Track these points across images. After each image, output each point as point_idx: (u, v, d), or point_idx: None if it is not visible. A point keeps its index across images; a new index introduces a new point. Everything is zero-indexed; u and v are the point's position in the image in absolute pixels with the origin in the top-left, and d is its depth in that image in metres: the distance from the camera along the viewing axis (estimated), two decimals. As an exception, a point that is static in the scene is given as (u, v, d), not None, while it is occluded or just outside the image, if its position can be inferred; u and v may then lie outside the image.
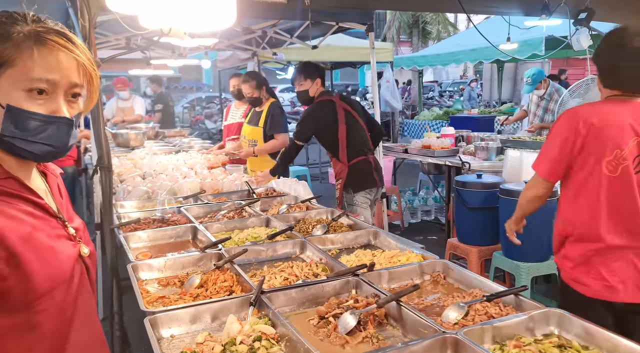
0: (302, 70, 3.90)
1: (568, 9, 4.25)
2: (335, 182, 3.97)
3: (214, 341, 1.53)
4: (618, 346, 1.43)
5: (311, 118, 3.92)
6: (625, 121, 1.97)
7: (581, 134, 1.99)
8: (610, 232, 2.01)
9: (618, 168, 1.98)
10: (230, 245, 2.46)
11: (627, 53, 2.00)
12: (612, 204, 1.99)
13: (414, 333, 1.60)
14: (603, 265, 2.03)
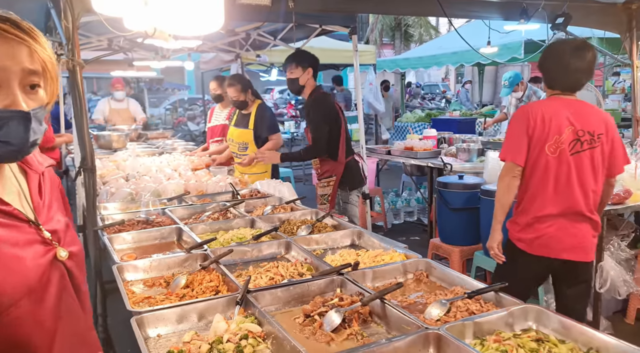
0: (294, 58, 3.78)
1: (546, 14, 4.35)
2: (323, 180, 3.84)
3: (200, 340, 1.55)
4: (592, 339, 1.49)
5: (323, 113, 3.73)
6: (562, 114, 2.49)
7: (531, 124, 2.50)
8: (550, 203, 2.51)
9: (557, 150, 2.49)
10: (215, 246, 2.48)
11: (561, 62, 2.51)
12: (553, 180, 2.50)
13: (398, 329, 1.64)
14: (542, 229, 2.53)
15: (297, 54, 3.87)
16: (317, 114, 3.73)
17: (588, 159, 2.49)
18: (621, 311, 3.88)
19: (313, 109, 3.76)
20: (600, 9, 4.60)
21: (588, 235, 2.56)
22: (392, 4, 4.42)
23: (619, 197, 3.41)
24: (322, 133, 3.70)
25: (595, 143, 2.48)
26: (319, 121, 3.72)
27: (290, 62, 3.73)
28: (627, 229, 3.83)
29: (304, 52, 3.89)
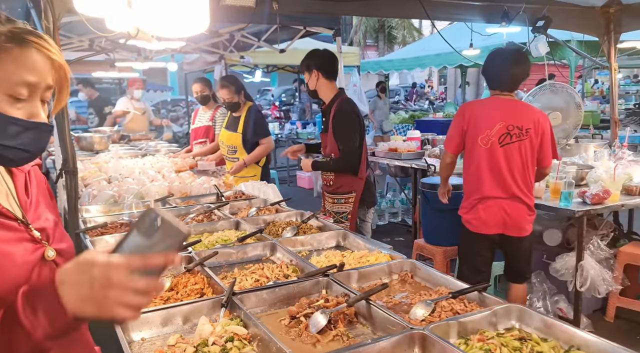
0: (302, 62, 3.53)
1: (527, 17, 4.42)
2: (340, 196, 3.51)
3: (185, 343, 1.54)
4: (573, 337, 1.51)
5: (353, 121, 3.42)
6: (495, 111, 2.96)
7: (466, 119, 3.02)
8: (486, 187, 2.99)
9: (488, 142, 2.95)
10: (200, 248, 2.46)
11: (503, 67, 2.98)
12: (487, 167, 2.96)
13: (383, 330, 1.65)
14: (482, 210, 3.03)
15: (305, 57, 3.54)
16: (347, 122, 3.39)
17: (517, 149, 2.94)
18: (601, 309, 3.95)
19: (341, 117, 3.39)
20: (579, 12, 4.70)
21: (522, 213, 3.02)
22: (375, 6, 4.45)
23: (598, 197, 3.47)
24: (354, 144, 3.40)
25: (523, 136, 2.92)
26: (350, 130, 3.39)
27: (301, 67, 3.56)
28: (606, 229, 3.90)
29: (310, 54, 3.56)
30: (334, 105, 3.42)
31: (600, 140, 5.61)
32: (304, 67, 3.47)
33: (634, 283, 3.87)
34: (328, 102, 3.47)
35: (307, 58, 3.49)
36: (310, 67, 3.44)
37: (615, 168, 3.72)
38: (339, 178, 3.48)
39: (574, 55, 7.01)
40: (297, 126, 10.85)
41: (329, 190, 3.58)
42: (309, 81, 3.49)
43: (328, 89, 3.47)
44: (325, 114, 3.51)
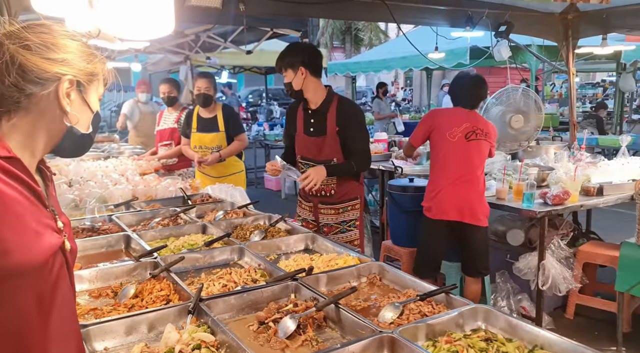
0: (281, 58, 3.08)
1: (490, 22, 4.53)
2: (346, 204, 3.19)
3: (151, 352, 1.50)
4: (537, 337, 1.55)
5: (363, 120, 3.22)
6: (462, 116, 3.41)
7: (436, 120, 3.49)
8: (447, 177, 3.35)
9: (456, 136, 3.36)
10: (166, 253, 2.41)
11: (468, 88, 3.51)
12: (453, 155, 3.35)
13: (352, 334, 1.65)
14: (442, 196, 3.37)
15: (284, 52, 3.10)
16: (362, 119, 3.16)
17: (477, 146, 3.37)
18: (561, 307, 4.08)
19: (355, 115, 3.10)
20: (539, 18, 4.84)
21: (477, 201, 3.37)
22: (343, 9, 4.47)
23: (559, 198, 3.58)
24: (368, 143, 3.20)
25: (482, 137, 3.40)
26: (365, 129, 3.19)
27: (279, 66, 3.10)
28: (566, 228, 4.03)
29: (293, 47, 3.19)
30: (332, 104, 3.05)
31: (560, 142, 5.79)
32: (287, 65, 3.03)
33: (592, 281, 4.01)
34: (320, 101, 3.08)
35: (289, 54, 3.06)
36: (295, 64, 3.01)
37: (575, 169, 3.84)
38: (343, 185, 3.14)
39: (534, 59, 7.21)
40: (264, 127, 10.79)
41: (331, 201, 3.15)
42: (293, 80, 3.03)
43: (317, 87, 3.09)
44: (318, 114, 3.09)
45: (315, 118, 3.10)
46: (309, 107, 3.11)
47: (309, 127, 3.12)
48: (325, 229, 3.19)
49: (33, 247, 1.03)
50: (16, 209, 1.00)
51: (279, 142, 9.54)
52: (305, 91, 3.07)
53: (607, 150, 8.10)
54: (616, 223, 5.74)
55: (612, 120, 11.35)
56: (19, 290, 1.01)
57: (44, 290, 1.06)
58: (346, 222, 3.19)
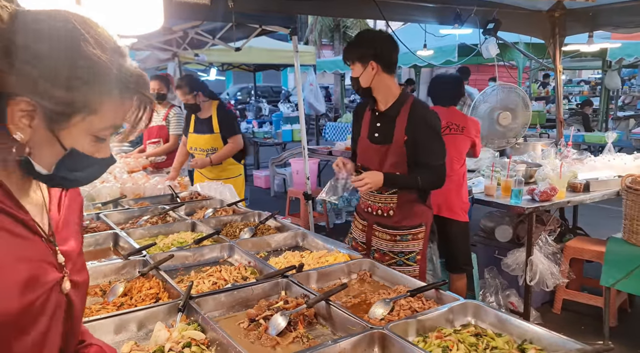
0: (349, 50, 2.61)
1: (478, 20, 4.55)
2: (404, 231, 2.63)
3: (140, 350, 1.49)
4: (527, 331, 1.57)
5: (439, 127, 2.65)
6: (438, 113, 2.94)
7: None
8: None
9: None
10: (155, 251, 2.39)
11: (439, 89, 3.61)
12: None
13: (343, 330, 1.65)
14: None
15: (354, 42, 2.62)
16: (437, 130, 2.59)
17: (451, 140, 3.23)
18: (549, 302, 4.12)
19: (432, 123, 2.56)
20: (527, 16, 4.87)
21: (453, 195, 3.38)
22: (332, 6, 4.46)
23: (546, 195, 3.61)
24: (444, 158, 2.61)
25: (457, 131, 3.45)
26: (440, 141, 2.59)
27: (346, 57, 2.63)
28: (554, 224, 4.07)
29: (365, 37, 2.64)
30: (404, 107, 2.55)
31: (547, 139, 5.85)
32: (355, 57, 2.55)
33: (579, 276, 4.06)
34: (391, 103, 2.59)
35: (359, 44, 2.58)
36: (365, 58, 2.53)
37: (561, 166, 3.88)
38: (405, 206, 2.61)
39: (522, 57, 7.27)
40: (253, 125, 10.76)
41: (388, 223, 2.64)
42: (361, 75, 2.56)
43: (389, 86, 2.58)
44: (385, 118, 2.60)
45: (382, 122, 2.61)
46: (377, 107, 2.64)
47: (374, 132, 2.63)
48: (377, 255, 2.66)
49: (6, 292, 0.84)
50: None
51: (268, 140, 9.51)
52: (375, 89, 2.58)
53: (593, 147, 8.20)
54: (602, 219, 5.81)
55: (598, 118, 11.48)
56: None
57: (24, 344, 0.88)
58: (404, 254, 2.62)
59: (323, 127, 13.06)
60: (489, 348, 1.49)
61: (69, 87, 0.83)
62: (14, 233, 0.88)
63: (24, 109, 0.82)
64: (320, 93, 11.17)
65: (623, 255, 2.78)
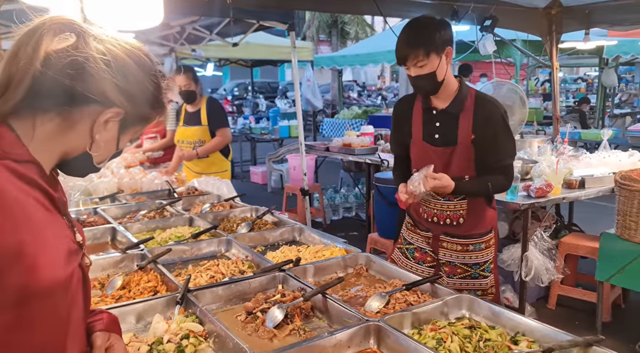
0: (419, 38, 2.08)
1: (475, 16, 4.57)
2: (475, 240, 2.35)
3: (139, 342, 1.51)
4: (520, 324, 1.59)
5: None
6: None
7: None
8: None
9: None
10: (152, 245, 2.41)
11: None
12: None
13: (339, 323, 1.67)
14: None
15: (422, 29, 2.11)
16: (507, 125, 2.25)
17: None
18: (544, 297, 4.15)
19: (499, 119, 2.22)
20: (524, 12, 4.89)
21: None
22: (329, 2, 4.48)
23: (541, 191, 3.64)
24: (515, 153, 2.33)
25: None
26: (512, 139, 2.29)
27: (413, 48, 2.07)
28: (549, 221, 4.10)
29: (429, 20, 2.15)
30: (467, 102, 2.22)
31: (544, 136, 5.87)
32: (432, 45, 2.05)
33: (574, 272, 4.09)
34: (452, 98, 2.23)
35: (434, 27, 2.08)
36: (443, 44, 2.09)
37: (557, 163, 3.90)
38: (475, 212, 2.32)
39: (519, 54, 7.29)
40: (250, 121, 10.76)
41: (457, 233, 2.35)
42: (437, 68, 2.10)
43: (450, 77, 2.22)
44: (446, 116, 2.25)
45: (442, 121, 2.26)
46: (433, 105, 2.28)
47: (433, 133, 2.29)
48: (447, 269, 2.38)
49: (57, 262, 0.93)
50: (40, 221, 0.92)
51: (265, 136, 9.52)
52: (447, 82, 2.19)
53: (590, 144, 8.23)
54: (598, 215, 5.85)
55: (595, 115, 11.52)
56: (41, 311, 0.91)
57: (62, 310, 0.97)
58: (479, 265, 2.34)
59: (320, 123, 13.08)
60: (482, 340, 1.52)
61: (153, 107, 1.07)
62: (49, 209, 0.97)
63: (113, 115, 1.01)
64: (318, 89, 11.16)
65: (616, 251, 2.82)
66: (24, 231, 0.87)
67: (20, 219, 0.88)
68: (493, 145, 2.22)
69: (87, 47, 0.95)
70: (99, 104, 0.98)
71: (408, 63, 2.09)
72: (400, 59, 2.13)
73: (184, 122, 4.38)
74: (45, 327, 0.93)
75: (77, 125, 0.99)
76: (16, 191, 0.89)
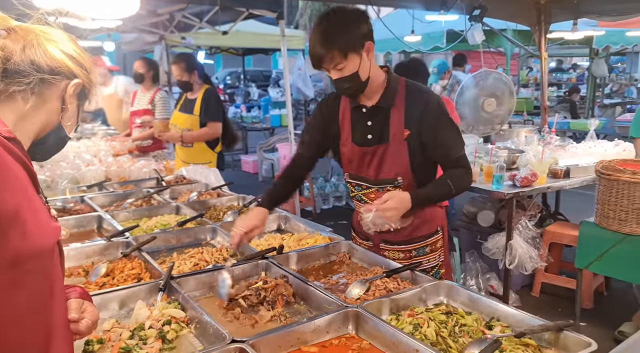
0: (328, 38, 1.85)
1: (464, 6, 4.56)
2: (419, 242, 2.18)
3: (121, 327, 1.53)
4: (495, 310, 1.63)
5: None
6: None
7: None
8: None
9: None
10: (138, 233, 2.42)
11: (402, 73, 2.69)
12: None
13: (320, 309, 1.70)
14: None
15: (334, 30, 1.86)
16: (445, 113, 2.04)
17: None
18: (528, 285, 4.22)
19: (436, 108, 2.02)
20: (513, 2, 4.90)
21: None
22: (319, -10, 4.45)
23: (526, 180, 3.68)
24: (463, 144, 2.11)
25: None
26: (454, 127, 2.08)
27: (327, 50, 1.84)
28: (534, 210, 4.15)
29: (345, 14, 1.90)
30: (398, 94, 2.03)
31: (532, 126, 5.92)
32: (347, 46, 1.84)
33: (558, 260, 4.15)
34: (380, 92, 2.04)
35: (345, 27, 1.86)
36: (359, 43, 1.88)
37: (542, 152, 3.94)
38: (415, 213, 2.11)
39: (510, 43, 7.30)
40: (241, 109, 10.73)
41: (396, 239, 2.17)
42: (360, 68, 1.90)
43: (376, 71, 2.02)
44: (377, 113, 2.05)
45: (373, 119, 2.07)
46: (362, 103, 2.07)
47: (365, 133, 2.08)
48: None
49: (45, 230, 1.02)
50: (30, 192, 0.99)
51: (256, 125, 9.51)
52: (372, 79, 1.99)
53: (579, 134, 8.30)
54: (585, 204, 5.88)
55: (585, 105, 11.59)
56: (34, 273, 0.99)
57: (51, 275, 1.06)
58: (426, 272, 2.03)
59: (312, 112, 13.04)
60: (458, 325, 1.55)
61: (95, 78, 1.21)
62: (32, 185, 1.02)
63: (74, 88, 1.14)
64: (309, 78, 11.12)
65: (595, 239, 2.87)
66: (21, 197, 0.95)
67: (17, 186, 0.95)
68: (435, 138, 2.01)
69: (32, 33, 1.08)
70: (63, 77, 1.12)
71: (324, 66, 1.87)
72: (315, 63, 1.89)
73: (180, 108, 4.34)
74: (35, 289, 1.00)
75: (47, 101, 1.11)
76: (11, 162, 0.95)
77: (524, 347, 1.42)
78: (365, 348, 1.50)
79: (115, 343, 1.45)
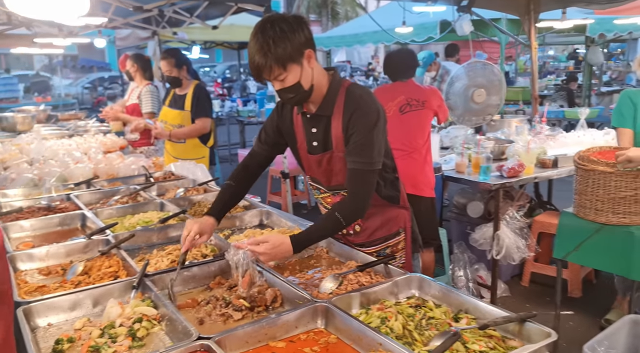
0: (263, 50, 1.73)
1: (452, -4, 4.54)
2: (380, 244, 2.18)
3: (92, 326, 1.55)
4: (464, 302, 1.64)
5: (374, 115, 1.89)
6: (398, 89, 3.52)
7: None
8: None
9: (391, 111, 3.45)
10: (120, 230, 2.44)
11: (394, 64, 3.64)
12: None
13: (291, 304, 1.72)
14: None
15: (268, 42, 1.72)
16: (368, 122, 1.88)
17: (413, 117, 3.47)
18: (518, 275, 4.23)
19: (361, 114, 1.89)
20: (502, -8, 4.87)
21: (417, 172, 3.44)
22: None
23: (514, 171, 3.68)
24: (374, 162, 1.90)
25: (418, 107, 3.49)
26: (370, 140, 1.89)
27: (265, 63, 1.74)
28: (523, 200, 4.15)
29: (279, 26, 1.76)
30: (338, 101, 1.95)
31: (523, 116, 5.90)
32: (285, 59, 1.76)
33: (548, 250, 4.16)
34: (321, 99, 1.96)
35: (286, 34, 1.75)
36: (298, 53, 1.79)
37: (529, 142, 3.94)
38: (375, 215, 2.12)
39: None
40: (237, 103, 10.72)
41: (357, 241, 2.18)
42: (301, 78, 1.82)
43: (320, 75, 1.93)
44: (320, 120, 1.99)
45: (317, 126, 2.00)
46: (306, 109, 2.01)
47: (311, 140, 2.04)
48: None
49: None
50: None
51: (252, 118, 9.49)
52: (317, 86, 1.91)
53: (574, 123, 8.27)
54: (577, 194, 5.91)
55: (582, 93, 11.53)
56: None
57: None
58: None
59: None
60: (425, 318, 1.57)
61: None
62: None
63: None
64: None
65: (573, 229, 2.87)
66: None
67: None
68: (352, 145, 1.89)
69: None
70: None
71: (264, 77, 1.79)
72: (255, 75, 1.81)
73: (169, 104, 4.33)
74: None
75: None
76: None
77: (488, 339, 1.44)
78: (332, 343, 1.51)
79: (85, 341, 1.47)
